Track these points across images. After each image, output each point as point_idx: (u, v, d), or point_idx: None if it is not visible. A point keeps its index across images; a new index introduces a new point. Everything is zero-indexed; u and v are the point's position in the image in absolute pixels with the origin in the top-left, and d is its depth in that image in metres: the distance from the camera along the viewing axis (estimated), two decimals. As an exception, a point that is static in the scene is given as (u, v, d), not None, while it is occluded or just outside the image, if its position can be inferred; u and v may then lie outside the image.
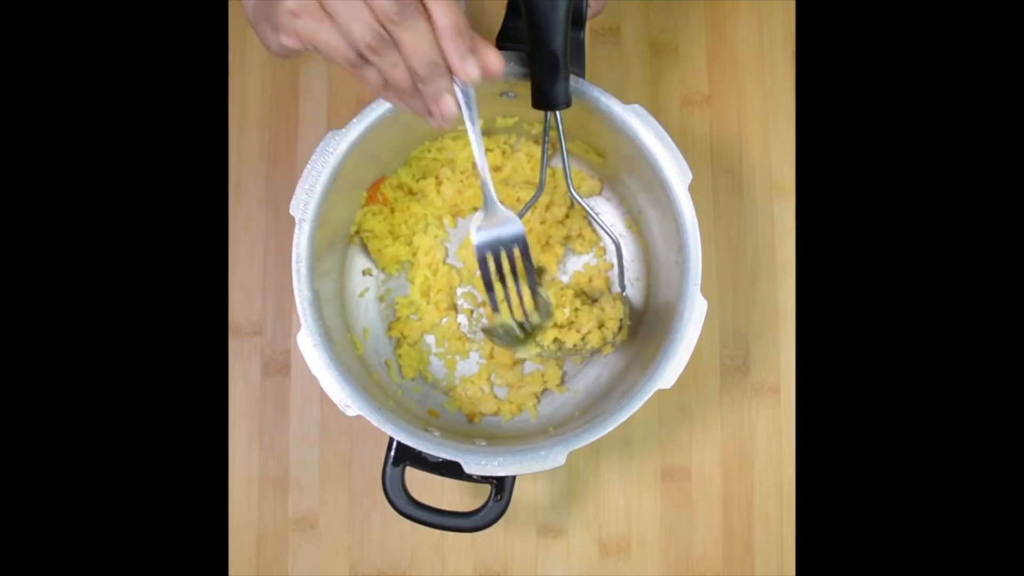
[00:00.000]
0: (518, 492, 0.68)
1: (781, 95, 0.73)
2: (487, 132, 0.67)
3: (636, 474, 0.69)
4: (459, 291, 0.68)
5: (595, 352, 0.66)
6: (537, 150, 0.68)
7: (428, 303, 0.67)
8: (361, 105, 0.57)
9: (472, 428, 0.66)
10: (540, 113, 0.62)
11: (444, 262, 0.68)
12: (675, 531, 0.69)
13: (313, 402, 0.70)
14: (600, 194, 0.69)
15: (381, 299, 0.67)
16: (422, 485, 0.65)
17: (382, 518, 0.69)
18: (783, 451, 0.70)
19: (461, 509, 0.58)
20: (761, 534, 0.69)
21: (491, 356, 0.67)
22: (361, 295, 0.67)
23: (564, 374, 0.67)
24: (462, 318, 0.68)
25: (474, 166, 0.64)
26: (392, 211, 0.67)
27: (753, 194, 0.72)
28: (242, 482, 0.69)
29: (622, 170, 0.65)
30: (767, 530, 0.69)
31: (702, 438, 0.70)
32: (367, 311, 0.67)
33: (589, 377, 0.67)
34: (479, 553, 0.69)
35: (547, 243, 0.68)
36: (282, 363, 0.70)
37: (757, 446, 0.70)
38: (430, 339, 0.68)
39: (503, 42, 0.58)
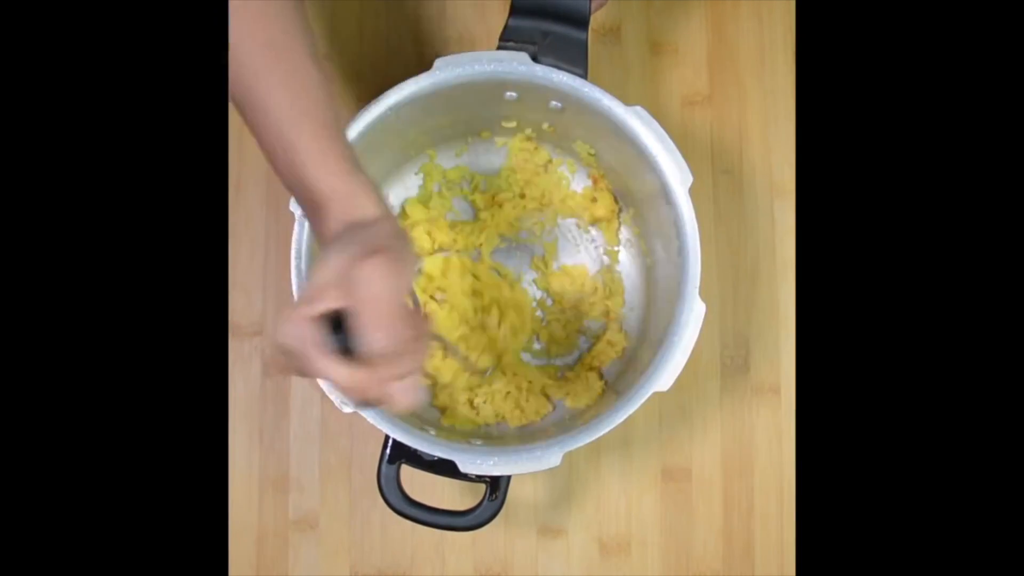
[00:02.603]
0: (518, 492, 0.68)
1: (781, 95, 0.73)
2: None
3: (636, 474, 0.69)
4: None
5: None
6: (541, 154, 0.68)
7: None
8: (360, 104, 0.57)
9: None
10: (540, 115, 0.63)
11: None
12: (675, 531, 0.69)
13: (313, 402, 0.70)
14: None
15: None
16: (422, 485, 0.65)
17: (382, 518, 0.69)
18: (783, 451, 0.70)
19: (458, 508, 0.58)
20: (761, 534, 0.69)
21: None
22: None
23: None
24: None
25: None
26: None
27: (753, 194, 0.72)
28: (242, 482, 0.69)
29: (622, 171, 0.65)
30: (767, 530, 0.69)
31: (702, 438, 0.70)
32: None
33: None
34: (479, 553, 0.69)
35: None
36: (282, 363, 0.70)
37: (757, 446, 0.70)
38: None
39: (505, 42, 0.58)
